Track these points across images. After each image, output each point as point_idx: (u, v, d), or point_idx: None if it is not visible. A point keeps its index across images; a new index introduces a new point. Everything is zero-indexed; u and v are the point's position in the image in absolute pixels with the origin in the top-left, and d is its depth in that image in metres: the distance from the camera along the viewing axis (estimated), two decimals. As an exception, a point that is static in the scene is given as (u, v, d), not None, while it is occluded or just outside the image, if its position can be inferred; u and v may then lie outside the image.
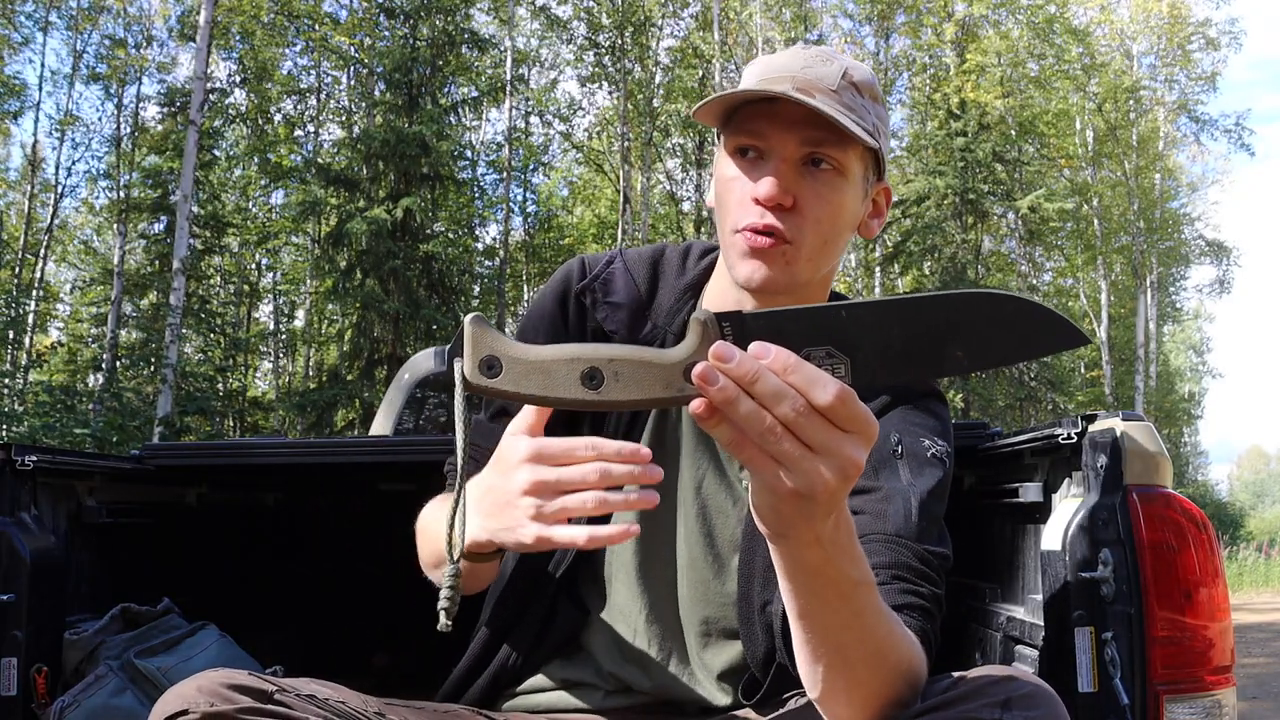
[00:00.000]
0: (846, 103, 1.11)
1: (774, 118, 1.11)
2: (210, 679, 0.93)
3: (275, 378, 21.59)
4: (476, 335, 0.72)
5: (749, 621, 1.15)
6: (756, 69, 1.16)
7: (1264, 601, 12.26)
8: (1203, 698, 1.36)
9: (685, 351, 0.71)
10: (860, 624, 0.83)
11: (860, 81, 1.14)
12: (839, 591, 0.79)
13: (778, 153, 1.11)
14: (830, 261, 1.18)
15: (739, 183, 1.14)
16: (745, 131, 1.13)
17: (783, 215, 1.11)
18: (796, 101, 1.07)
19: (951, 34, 20.34)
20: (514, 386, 0.72)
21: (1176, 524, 1.39)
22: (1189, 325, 34.15)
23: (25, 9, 17.47)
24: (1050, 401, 19.87)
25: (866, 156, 1.15)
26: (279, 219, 20.71)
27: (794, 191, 1.11)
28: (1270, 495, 60.98)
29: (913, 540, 1.08)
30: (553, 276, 1.29)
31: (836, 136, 1.10)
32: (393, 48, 16.20)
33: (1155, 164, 23.04)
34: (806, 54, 1.15)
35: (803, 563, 0.77)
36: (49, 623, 1.74)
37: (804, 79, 1.11)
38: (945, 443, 1.18)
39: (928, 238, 18.92)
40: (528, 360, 0.72)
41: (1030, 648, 1.63)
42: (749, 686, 1.18)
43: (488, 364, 0.72)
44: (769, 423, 0.67)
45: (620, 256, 1.29)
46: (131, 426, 12.26)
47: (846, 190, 1.13)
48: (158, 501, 2.23)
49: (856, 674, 0.86)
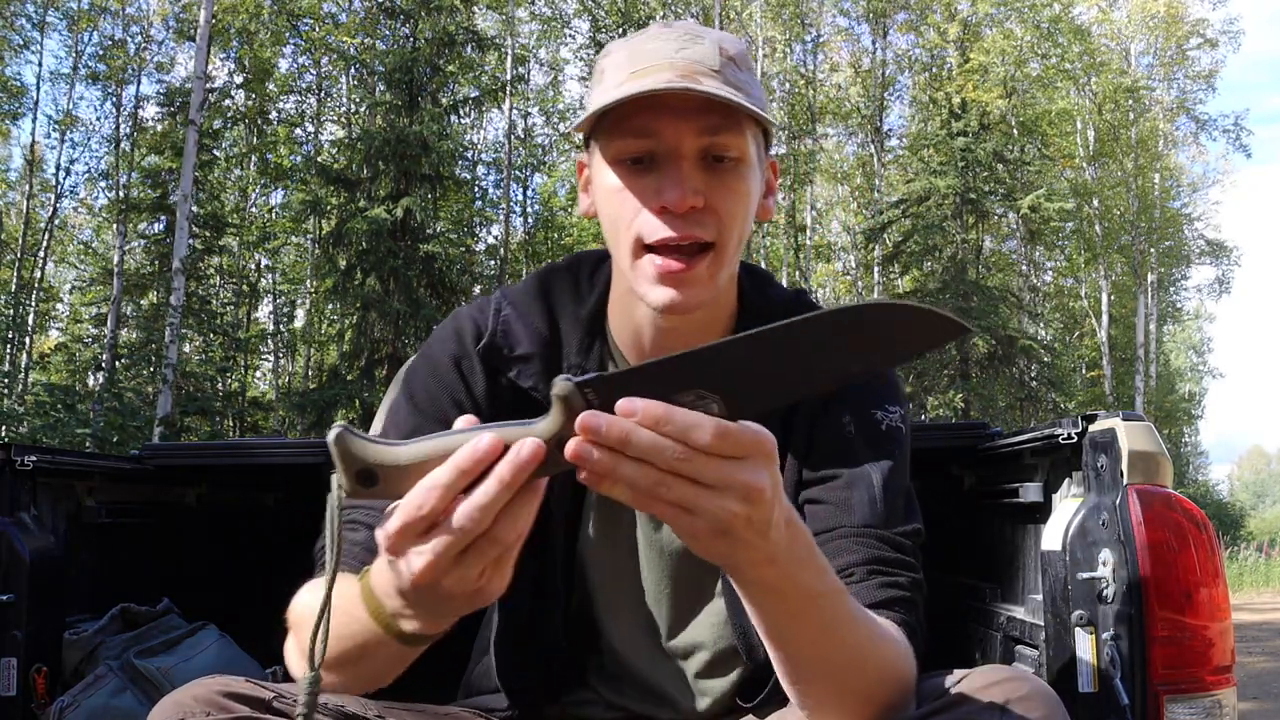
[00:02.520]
0: (732, 80, 1.01)
1: (660, 112, 0.99)
2: (207, 686, 0.92)
3: (275, 378, 21.58)
4: (344, 450, 0.69)
5: (746, 634, 1.14)
6: (623, 59, 1.03)
7: (1264, 601, 12.26)
8: (1203, 698, 1.36)
9: (552, 427, 0.69)
10: (834, 635, 0.82)
11: (737, 55, 1.04)
12: (804, 606, 0.78)
13: (675, 151, 1.00)
14: (740, 257, 1.09)
15: (633, 193, 1.02)
16: (630, 132, 1.01)
17: (697, 218, 1.01)
18: (697, 93, 0.97)
19: (955, 33, 20.33)
20: (395, 492, 0.70)
21: (1177, 524, 1.39)
22: (1189, 325, 34.14)
23: (25, 10, 17.46)
24: (1050, 401, 19.87)
25: (758, 133, 1.06)
26: (279, 219, 20.72)
27: (702, 190, 1.00)
28: (1270, 495, 60.96)
29: (881, 527, 1.05)
30: (434, 344, 1.16)
31: (732, 120, 1.00)
32: (393, 48, 16.20)
33: (1155, 164, 23.04)
34: (674, 33, 1.04)
35: (761, 583, 0.76)
36: (49, 623, 1.74)
37: (683, 63, 1.00)
38: (898, 406, 1.13)
39: (928, 238, 18.91)
40: (401, 465, 0.70)
41: (1030, 648, 1.63)
42: (749, 689, 1.18)
43: (363, 477, 0.70)
44: (656, 476, 0.67)
45: (505, 302, 1.16)
46: (131, 426, 12.25)
47: (751, 177, 1.04)
48: (158, 501, 2.23)
49: (839, 684, 0.85)
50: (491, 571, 0.72)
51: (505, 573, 0.74)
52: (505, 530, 0.70)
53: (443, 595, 0.73)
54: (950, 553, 1.92)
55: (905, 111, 23.80)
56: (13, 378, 15.23)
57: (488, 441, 0.68)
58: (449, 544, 0.69)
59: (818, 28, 22.36)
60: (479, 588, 0.72)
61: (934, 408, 18.27)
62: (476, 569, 0.71)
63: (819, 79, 22.83)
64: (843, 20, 22.99)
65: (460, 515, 0.68)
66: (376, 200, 15.14)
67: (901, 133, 23.65)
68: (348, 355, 15.92)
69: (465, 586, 0.72)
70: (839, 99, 23.16)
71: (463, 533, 0.69)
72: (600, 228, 1.11)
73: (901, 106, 23.88)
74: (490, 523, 0.69)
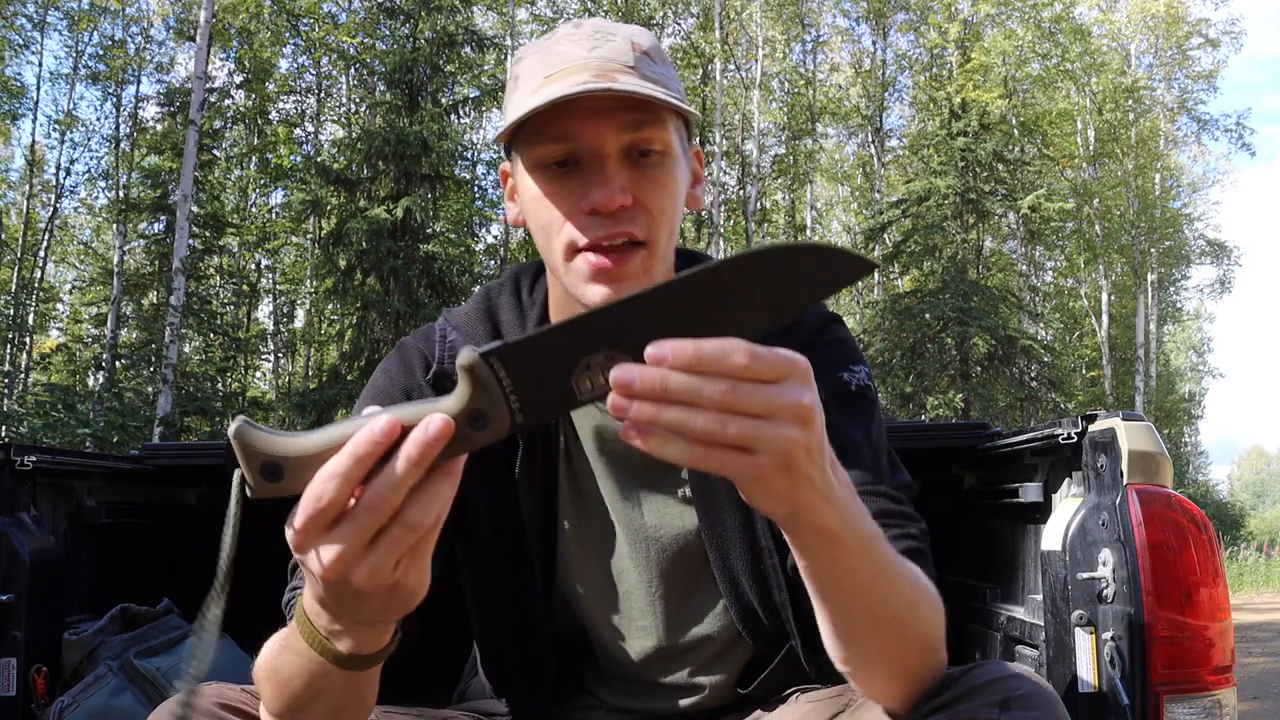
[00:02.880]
0: (648, 74, 1.01)
1: (579, 114, 0.99)
2: (204, 695, 0.91)
3: (275, 378, 21.58)
4: (246, 444, 0.66)
5: (751, 623, 1.14)
6: (536, 64, 1.03)
7: (1264, 601, 12.26)
8: (1203, 698, 1.36)
9: (459, 401, 0.66)
10: (887, 580, 0.80)
11: (650, 48, 1.05)
12: (860, 550, 0.76)
13: (598, 151, 1.00)
14: (673, 248, 1.08)
15: (560, 197, 1.02)
16: (550, 138, 1.01)
17: (627, 216, 1.01)
18: (614, 93, 0.97)
19: (955, 33, 20.33)
20: (301, 486, 0.67)
21: (1177, 524, 1.39)
22: (1189, 325, 34.16)
23: (26, 10, 17.47)
24: (1050, 401, 19.87)
25: (680, 125, 1.07)
26: (279, 219, 20.72)
27: (630, 188, 1.00)
28: (1270, 495, 60.97)
29: (878, 483, 1.04)
30: (383, 379, 1.14)
31: (653, 114, 1.01)
32: (393, 48, 16.20)
33: (1155, 164, 23.05)
34: (584, 33, 1.04)
35: (820, 530, 0.73)
36: (48, 623, 1.74)
37: (598, 63, 1.00)
38: (861, 365, 1.12)
39: (928, 238, 18.90)
40: (307, 453, 0.66)
41: (1030, 648, 1.63)
42: (747, 676, 1.17)
43: (268, 470, 0.67)
44: (706, 416, 0.64)
45: (449, 326, 1.16)
46: (132, 426, 12.26)
47: (676, 169, 1.04)
48: (158, 501, 2.23)
49: (894, 633, 0.83)
50: (408, 563, 0.69)
51: (423, 565, 0.70)
52: (418, 514, 0.66)
53: (357, 592, 0.69)
54: (950, 553, 1.92)
55: (905, 111, 23.82)
56: (13, 378, 15.22)
57: (384, 423, 0.65)
58: (356, 532, 0.66)
59: (818, 28, 22.39)
60: (395, 581, 0.69)
61: (934, 408, 18.26)
62: (389, 558, 0.67)
63: (819, 79, 22.84)
64: (843, 20, 23.03)
65: (367, 498, 0.65)
66: (376, 200, 15.14)
67: (901, 133, 23.67)
68: (348, 355, 15.92)
69: (379, 580, 0.68)
70: (839, 99, 23.17)
71: (370, 515, 0.65)
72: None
73: (901, 106, 23.89)
74: (399, 503, 0.66)
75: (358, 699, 0.84)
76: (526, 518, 1.12)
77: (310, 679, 0.80)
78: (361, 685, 0.82)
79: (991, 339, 17.80)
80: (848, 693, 1.07)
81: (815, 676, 1.15)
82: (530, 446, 1.12)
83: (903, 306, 19.32)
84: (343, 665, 0.77)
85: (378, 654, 0.78)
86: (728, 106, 21.05)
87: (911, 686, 0.88)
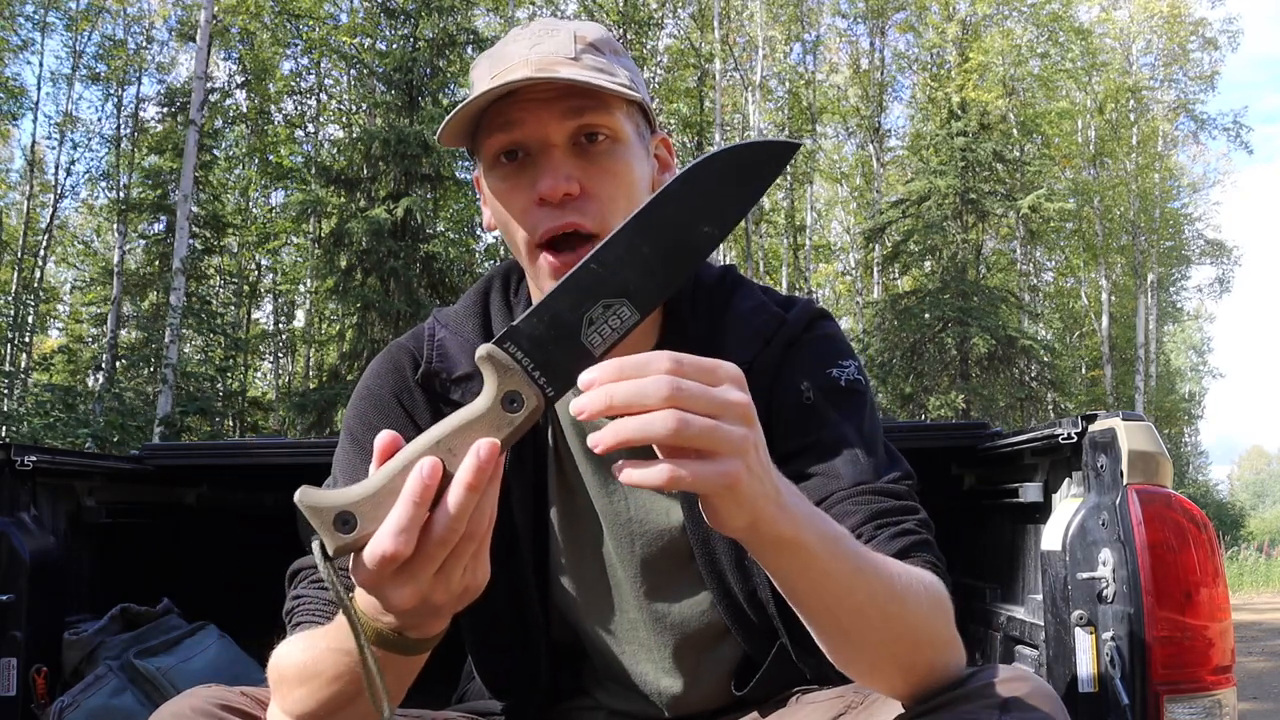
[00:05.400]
0: (591, 65, 1.02)
1: (522, 104, 1.00)
2: (202, 697, 0.92)
3: (275, 378, 21.58)
4: (313, 504, 0.69)
5: (739, 618, 1.13)
6: (485, 69, 1.05)
7: (1264, 601, 12.25)
8: (1203, 698, 1.36)
9: (491, 395, 0.70)
10: (867, 578, 0.81)
11: (597, 40, 1.06)
12: (829, 554, 0.77)
13: (543, 140, 1.01)
14: None
15: (514, 192, 1.03)
16: (496, 129, 1.02)
17: (576, 206, 1.01)
18: (544, 81, 0.98)
19: (954, 33, 20.33)
20: (373, 527, 0.69)
21: (1177, 524, 1.39)
22: (1189, 325, 34.14)
23: (25, 10, 17.47)
24: (1050, 401, 19.87)
25: (634, 113, 1.06)
26: (279, 219, 20.71)
27: (577, 176, 1.01)
28: (1271, 495, 60.95)
29: (873, 480, 1.03)
30: (372, 382, 1.15)
31: (596, 101, 1.01)
32: (393, 48, 16.20)
33: (1155, 164, 23.04)
34: (529, 33, 1.05)
35: (781, 540, 0.75)
36: (48, 623, 1.74)
37: (538, 58, 1.01)
38: (851, 360, 1.12)
39: (928, 238, 18.89)
40: (370, 495, 0.69)
41: (1030, 648, 1.63)
42: (742, 676, 1.17)
43: (341, 521, 0.69)
44: (663, 417, 0.66)
45: (439, 325, 1.16)
46: (132, 426, 12.25)
47: (628, 156, 1.04)
48: (158, 502, 2.23)
49: (890, 632, 0.84)
50: (473, 566, 0.72)
51: (484, 561, 0.74)
52: (476, 524, 0.70)
53: (433, 608, 0.73)
54: (950, 553, 1.92)
55: (904, 111, 23.83)
56: (13, 378, 15.22)
57: (429, 466, 0.68)
58: (428, 565, 0.69)
59: (816, 28, 22.38)
60: (465, 585, 0.73)
61: (934, 408, 18.26)
62: (458, 572, 0.71)
63: (818, 79, 22.83)
64: (841, 21, 23.02)
65: (435, 534, 0.68)
66: (376, 200, 15.13)
67: (901, 133, 23.68)
68: (348, 355, 15.91)
69: (452, 592, 0.72)
70: (838, 99, 23.16)
71: (441, 548, 0.69)
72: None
73: (901, 106, 23.91)
74: (464, 529, 0.69)
75: (407, 683, 0.85)
76: (517, 514, 1.12)
77: (356, 676, 0.80)
78: (415, 666, 0.83)
79: (991, 339, 17.79)
80: (848, 694, 1.07)
81: (813, 677, 1.15)
82: (520, 442, 1.13)
83: (902, 306, 19.31)
84: (408, 651, 0.78)
85: (443, 631, 0.80)
86: (727, 107, 21.05)
87: (912, 682, 0.88)
